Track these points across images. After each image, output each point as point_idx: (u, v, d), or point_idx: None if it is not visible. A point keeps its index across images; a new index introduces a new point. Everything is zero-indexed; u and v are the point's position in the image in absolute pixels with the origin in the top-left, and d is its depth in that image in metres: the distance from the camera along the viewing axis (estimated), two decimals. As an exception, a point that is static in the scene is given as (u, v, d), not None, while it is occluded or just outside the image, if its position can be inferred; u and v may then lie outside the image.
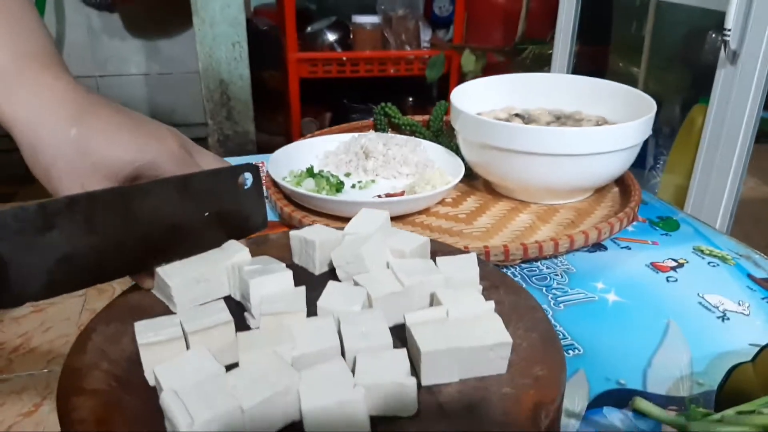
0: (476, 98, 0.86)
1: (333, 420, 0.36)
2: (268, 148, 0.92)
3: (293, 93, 1.88)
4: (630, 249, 0.70)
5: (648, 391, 0.49)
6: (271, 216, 0.70)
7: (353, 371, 0.38)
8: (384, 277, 0.48)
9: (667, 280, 0.64)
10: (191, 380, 0.36)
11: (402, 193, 0.77)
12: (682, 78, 1.48)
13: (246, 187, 0.51)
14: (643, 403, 0.37)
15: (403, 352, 0.40)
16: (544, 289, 0.62)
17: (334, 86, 2.09)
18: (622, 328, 0.56)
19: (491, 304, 0.44)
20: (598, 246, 0.70)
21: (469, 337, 0.40)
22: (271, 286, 0.46)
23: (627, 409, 0.47)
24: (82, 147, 0.46)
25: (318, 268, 0.53)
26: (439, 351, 0.40)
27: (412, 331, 0.41)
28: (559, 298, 0.61)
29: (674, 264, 0.67)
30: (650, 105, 0.76)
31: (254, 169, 0.52)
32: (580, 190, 0.78)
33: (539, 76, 0.91)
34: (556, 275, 0.64)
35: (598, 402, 0.48)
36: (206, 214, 0.48)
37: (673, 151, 1.24)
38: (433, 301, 0.46)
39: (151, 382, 0.40)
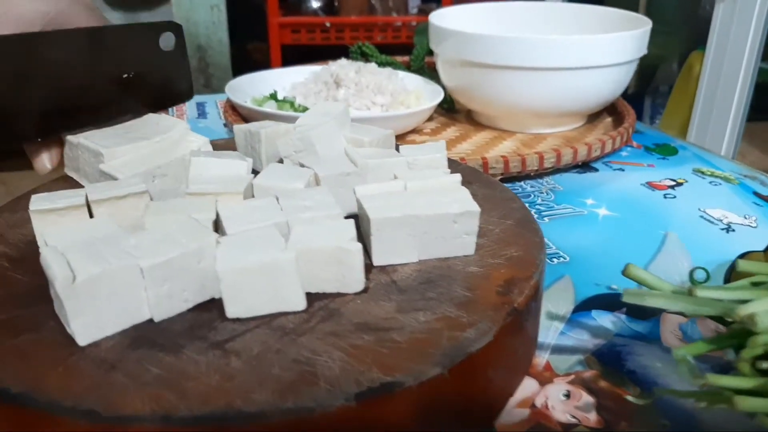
0: (458, 26, 0.79)
1: (255, 288, 0.29)
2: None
3: (275, 61, 1.81)
4: (623, 171, 0.63)
5: (643, 295, 0.42)
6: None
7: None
8: (335, 159, 0.41)
9: (665, 197, 0.57)
10: (82, 241, 0.29)
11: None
12: (679, 39, 1.42)
13: (168, 49, 0.45)
14: (636, 270, 0.31)
15: (351, 222, 0.33)
16: (527, 205, 0.55)
17: (319, 56, 2.01)
18: (614, 239, 0.50)
19: (457, 176, 0.37)
20: (588, 168, 0.64)
21: (429, 206, 0.34)
22: (217, 169, 0.39)
23: (620, 312, 0.41)
24: None
25: (264, 164, 0.46)
26: (392, 219, 0.33)
27: (362, 202, 0.34)
28: (543, 213, 0.54)
29: (672, 183, 0.60)
30: (646, 22, 0.70)
31: (176, 28, 0.46)
32: (570, 114, 0.71)
33: (526, 4, 0.85)
34: (541, 193, 0.58)
35: (586, 306, 0.41)
36: (124, 76, 0.42)
37: (670, 100, 1.18)
38: (393, 183, 0.40)
39: (47, 260, 0.34)
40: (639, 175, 0.62)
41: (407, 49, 0.94)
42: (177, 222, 0.31)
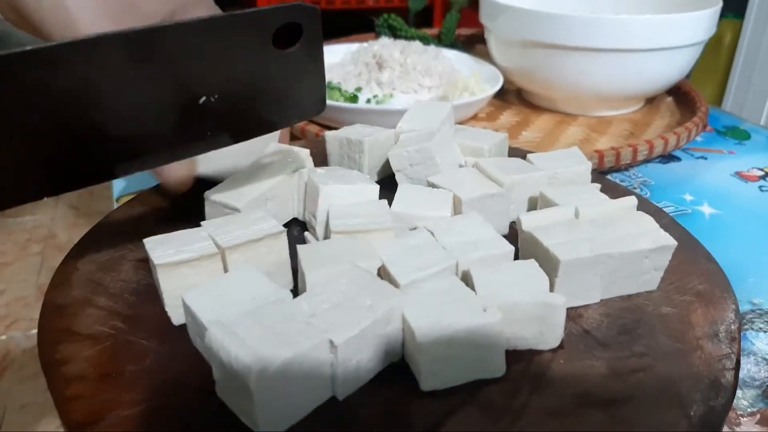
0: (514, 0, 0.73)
1: (455, 356, 0.25)
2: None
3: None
4: (706, 159, 0.60)
5: (793, 311, 0.39)
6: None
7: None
8: (467, 176, 0.36)
9: (761, 190, 0.54)
10: (243, 309, 0.24)
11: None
12: None
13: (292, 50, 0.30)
14: None
15: (533, 263, 0.28)
16: (623, 203, 0.52)
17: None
18: (730, 243, 0.46)
19: (633, 200, 0.33)
20: (670, 157, 0.60)
21: (620, 242, 0.29)
22: (348, 197, 0.33)
23: (776, 334, 0.37)
24: None
25: (367, 177, 0.41)
26: (583, 260, 0.28)
27: (535, 235, 0.30)
28: (645, 213, 0.50)
29: (761, 173, 0.57)
30: (713, 1, 0.65)
31: (312, 12, 0.30)
32: (637, 96, 0.67)
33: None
34: (634, 188, 0.54)
35: (738, 327, 0.38)
36: (201, 101, 0.29)
37: (696, 70, 1.14)
38: (540, 203, 0.35)
39: (176, 320, 0.28)
40: (724, 164, 0.59)
41: (401, 14, 0.88)
42: (344, 275, 0.26)
